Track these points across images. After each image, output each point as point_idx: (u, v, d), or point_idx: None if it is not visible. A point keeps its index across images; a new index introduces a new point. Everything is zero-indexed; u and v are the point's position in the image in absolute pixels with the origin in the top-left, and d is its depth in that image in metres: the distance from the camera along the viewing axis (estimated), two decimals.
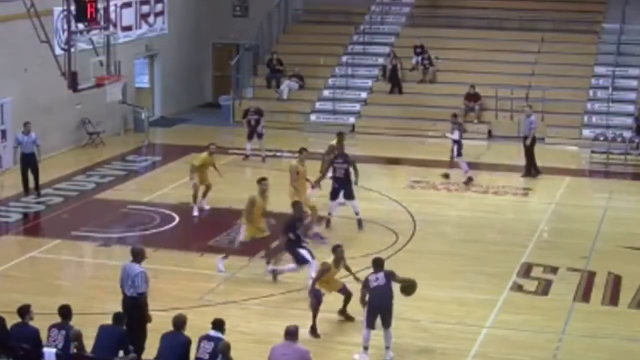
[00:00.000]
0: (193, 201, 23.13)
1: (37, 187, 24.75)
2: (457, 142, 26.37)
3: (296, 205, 19.17)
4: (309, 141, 28.65)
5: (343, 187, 21.99)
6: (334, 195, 22.13)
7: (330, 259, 16.60)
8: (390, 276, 15.54)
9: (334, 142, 23.23)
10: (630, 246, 21.22)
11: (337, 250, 16.67)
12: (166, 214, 22.90)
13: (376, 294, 15.39)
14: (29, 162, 24.60)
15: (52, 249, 20.84)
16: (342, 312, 17.00)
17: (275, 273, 18.82)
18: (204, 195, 23.45)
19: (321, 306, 16.36)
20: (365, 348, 15.48)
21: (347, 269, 17.10)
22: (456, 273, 19.43)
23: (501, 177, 26.98)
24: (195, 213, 23.14)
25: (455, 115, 27.41)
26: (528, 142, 27.03)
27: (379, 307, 15.39)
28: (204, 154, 23.46)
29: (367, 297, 15.49)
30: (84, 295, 17.92)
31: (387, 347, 15.51)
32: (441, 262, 20.14)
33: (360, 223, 22.02)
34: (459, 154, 26.33)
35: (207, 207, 23.54)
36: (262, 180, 19.71)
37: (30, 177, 24.66)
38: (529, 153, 27.15)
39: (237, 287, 18.38)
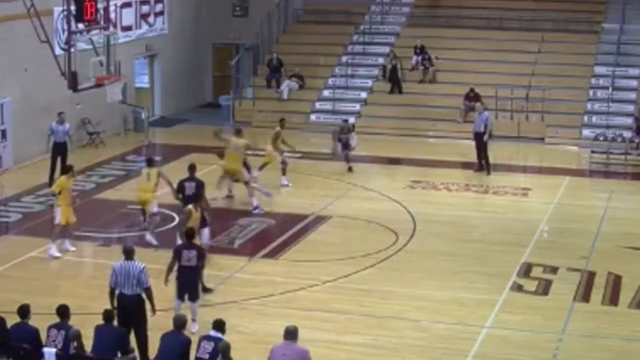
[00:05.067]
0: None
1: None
2: None
3: None
4: (310, 141, 28.63)
5: None
6: None
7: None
8: (202, 257, 16.29)
9: (278, 128, 25.36)
10: (630, 246, 21.21)
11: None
12: (166, 214, 22.87)
13: (186, 272, 16.03)
14: (60, 151, 25.67)
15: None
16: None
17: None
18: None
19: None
20: None
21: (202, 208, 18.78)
22: (456, 273, 19.42)
23: (501, 177, 26.96)
24: None
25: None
26: (486, 137, 27.12)
27: (186, 283, 16.07)
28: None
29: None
30: (84, 295, 17.88)
31: (193, 320, 15.89)
32: (441, 262, 20.13)
33: None
34: None
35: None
36: None
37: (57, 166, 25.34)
38: (484, 150, 27.16)
39: (237, 287, 18.37)
